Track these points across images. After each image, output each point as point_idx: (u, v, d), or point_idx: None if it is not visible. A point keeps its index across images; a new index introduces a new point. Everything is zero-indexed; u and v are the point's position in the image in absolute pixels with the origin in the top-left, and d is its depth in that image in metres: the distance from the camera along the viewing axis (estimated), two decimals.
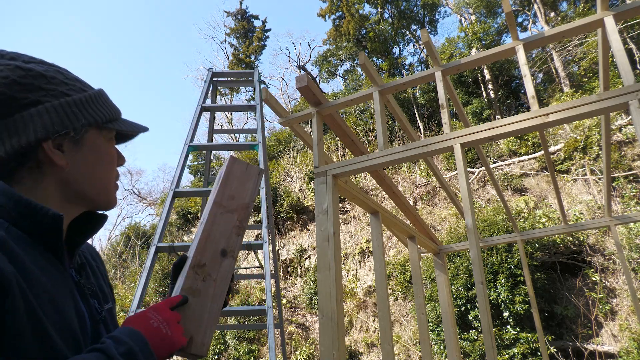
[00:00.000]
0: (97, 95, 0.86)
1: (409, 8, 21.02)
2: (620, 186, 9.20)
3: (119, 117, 0.90)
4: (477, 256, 2.35)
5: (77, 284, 0.81)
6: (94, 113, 0.83)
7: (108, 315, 0.88)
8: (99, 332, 0.81)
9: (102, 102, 0.86)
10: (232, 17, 27.33)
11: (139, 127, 0.95)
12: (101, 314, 0.84)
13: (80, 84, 0.85)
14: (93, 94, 0.85)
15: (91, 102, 0.83)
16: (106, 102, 0.88)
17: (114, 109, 0.89)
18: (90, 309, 0.81)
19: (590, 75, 13.04)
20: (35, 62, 0.79)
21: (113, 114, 0.87)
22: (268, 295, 2.87)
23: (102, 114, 0.84)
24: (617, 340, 7.65)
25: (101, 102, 0.86)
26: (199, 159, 22.83)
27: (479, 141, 2.60)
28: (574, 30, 2.71)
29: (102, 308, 0.86)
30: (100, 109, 0.85)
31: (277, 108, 3.21)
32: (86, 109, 0.81)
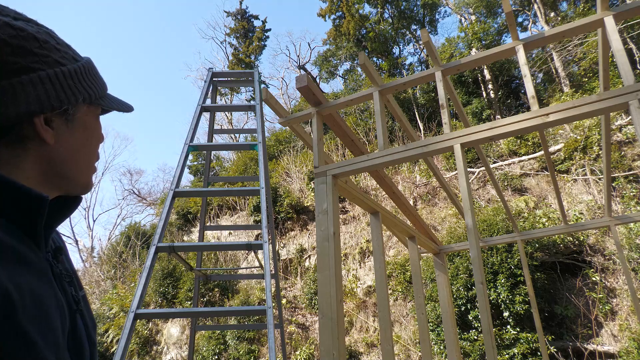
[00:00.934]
0: (88, 66, 0.77)
1: (409, 8, 21.03)
2: (620, 186, 9.20)
3: (106, 92, 0.83)
4: (477, 256, 2.35)
5: (54, 271, 0.72)
6: (88, 87, 0.74)
7: (84, 302, 0.82)
8: (75, 323, 0.74)
9: (93, 75, 0.78)
10: (232, 17, 27.35)
11: (126, 106, 0.87)
12: (78, 303, 0.77)
13: (72, 51, 0.76)
14: (85, 65, 0.76)
15: (85, 74, 0.75)
16: (97, 75, 0.80)
17: (103, 83, 0.81)
18: (68, 299, 0.74)
19: (590, 75, 13.04)
20: (23, 20, 0.68)
21: (103, 89, 0.80)
22: (268, 295, 2.87)
23: (95, 88, 0.77)
24: (617, 340, 7.65)
25: (93, 75, 0.78)
26: (199, 159, 22.83)
27: (479, 141, 2.60)
28: (574, 30, 2.71)
29: (78, 296, 0.79)
30: (93, 83, 0.77)
31: (277, 108, 3.21)
32: (81, 82, 0.73)
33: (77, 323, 0.75)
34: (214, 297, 12.84)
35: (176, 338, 12.86)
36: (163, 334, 13.28)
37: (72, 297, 0.76)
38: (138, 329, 13.00)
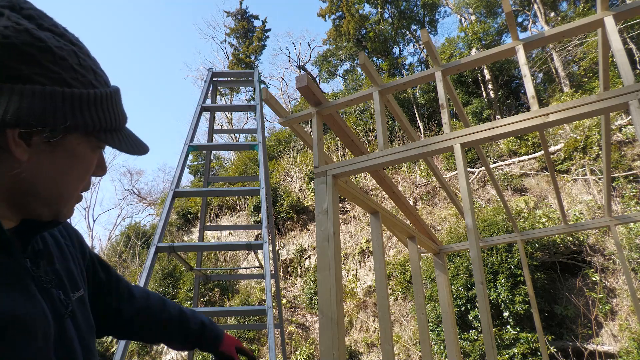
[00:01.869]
0: (104, 96, 0.70)
1: (409, 8, 21.03)
2: (620, 186, 9.20)
3: (118, 127, 0.74)
4: (477, 256, 2.35)
5: (34, 276, 0.69)
6: (89, 117, 0.66)
7: (77, 305, 0.78)
8: (64, 327, 0.71)
9: (106, 107, 0.70)
10: (232, 17, 27.35)
11: (137, 148, 0.77)
12: (67, 308, 0.73)
13: (94, 76, 0.69)
14: (100, 94, 0.68)
15: (92, 103, 0.67)
16: (110, 108, 0.71)
17: (115, 118, 0.72)
18: (53, 303, 0.71)
19: (590, 75, 13.04)
20: (53, 32, 0.64)
21: (112, 123, 0.71)
22: (268, 295, 2.87)
23: (100, 121, 0.68)
24: (617, 340, 7.65)
25: (105, 107, 0.70)
26: (199, 159, 22.83)
27: (479, 141, 2.60)
28: (574, 30, 2.71)
29: (68, 300, 0.75)
30: (100, 115, 0.68)
31: (277, 108, 3.21)
32: (80, 110, 0.65)
33: (65, 328, 0.71)
34: (214, 297, 12.84)
35: None
36: None
37: (59, 301, 0.72)
38: None
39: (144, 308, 1.06)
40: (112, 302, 0.99)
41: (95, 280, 0.95)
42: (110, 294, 0.99)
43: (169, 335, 1.11)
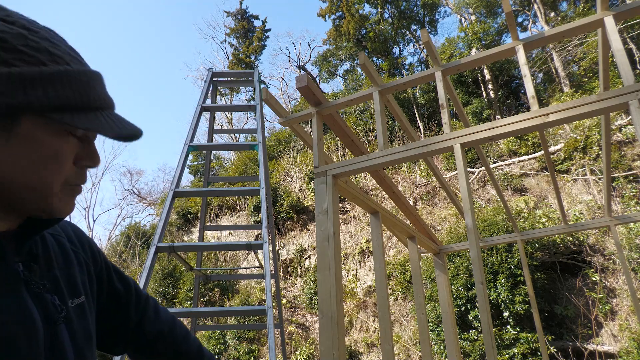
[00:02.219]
0: (57, 74, 0.61)
1: (409, 8, 21.03)
2: (620, 186, 9.20)
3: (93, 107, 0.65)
4: (477, 256, 2.35)
5: (26, 280, 0.67)
6: (34, 95, 0.58)
7: (75, 312, 0.75)
8: (56, 333, 0.68)
9: (62, 84, 0.61)
10: (232, 17, 27.36)
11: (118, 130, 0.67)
12: (61, 313, 0.70)
13: (49, 55, 0.61)
14: (50, 72, 0.60)
15: (40, 80, 0.59)
16: (71, 85, 0.62)
17: (80, 95, 0.63)
18: (46, 308, 0.68)
19: (590, 75, 13.04)
20: (4, 21, 0.60)
21: (75, 101, 0.62)
22: (268, 295, 2.87)
23: (48, 98, 0.59)
24: (617, 340, 7.65)
25: (61, 84, 0.61)
26: (199, 159, 22.84)
27: (479, 141, 2.60)
28: (574, 30, 2.71)
29: (64, 305, 0.72)
30: (50, 93, 0.59)
31: (277, 108, 3.21)
32: (24, 88, 0.57)
33: (58, 334, 0.68)
34: (214, 297, 12.84)
35: None
36: None
37: (53, 306, 0.69)
38: None
39: (168, 332, 1.02)
40: (132, 315, 0.95)
41: (111, 289, 0.92)
42: (129, 306, 0.95)
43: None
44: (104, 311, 0.89)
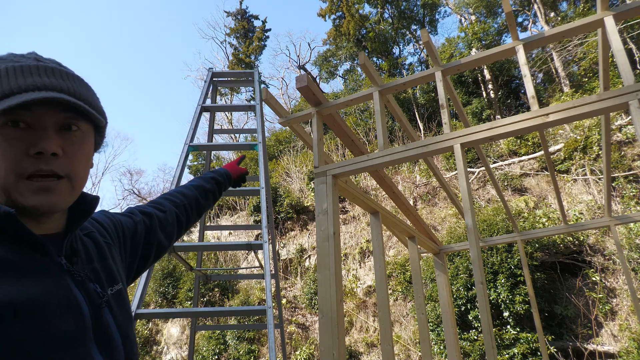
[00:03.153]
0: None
1: (409, 8, 21.03)
2: (620, 186, 9.20)
3: (10, 93, 0.70)
4: (477, 256, 2.36)
5: (69, 271, 0.78)
6: None
7: (114, 298, 0.86)
8: (101, 316, 0.79)
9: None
10: (232, 17, 27.34)
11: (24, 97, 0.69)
12: (102, 298, 0.81)
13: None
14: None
15: None
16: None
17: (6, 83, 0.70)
18: (89, 295, 0.79)
19: (590, 75, 13.04)
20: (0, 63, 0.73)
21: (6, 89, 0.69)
22: (268, 295, 2.87)
23: None
24: (617, 340, 7.65)
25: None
26: (199, 159, 22.83)
27: (479, 141, 2.60)
28: (574, 30, 2.71)
29: (104, 292, 0.83)
30: None
31: (277, 108, 3.21)
32: None
33: (102, 318, 0.79)
34: (214, 297, 12.84)
35: (176, 338, 12.87)
36: (163, 334, 13.28)
37: (95, 293, 0.80)
38: (138, 328, 12.99)
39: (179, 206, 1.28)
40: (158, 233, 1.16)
41: (143, 229, 1.11)
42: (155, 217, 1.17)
43: (202, 204, 1.37)
44: (154, 234, 1.13)
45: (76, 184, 0.79)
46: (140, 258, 1.09)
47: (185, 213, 1.28)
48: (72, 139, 0.77)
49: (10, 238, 0.70)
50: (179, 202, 1.27)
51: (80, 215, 0.84)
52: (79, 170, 0.79)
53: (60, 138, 0.75)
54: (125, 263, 1.02)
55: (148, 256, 1.12)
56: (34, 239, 0.72)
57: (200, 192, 1.36)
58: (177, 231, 1.25)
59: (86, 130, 0.81)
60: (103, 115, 0.83)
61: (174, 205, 1.26)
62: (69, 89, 0.75)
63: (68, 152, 0.76)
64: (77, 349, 0.71)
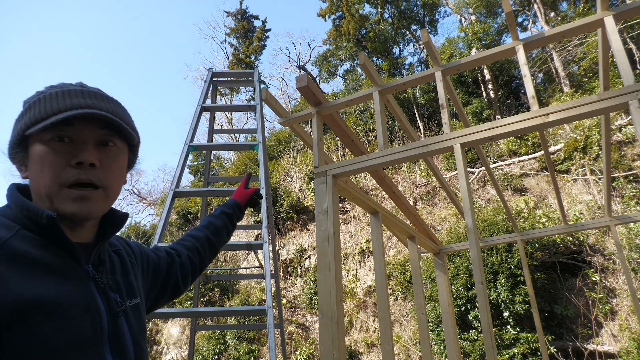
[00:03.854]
0: (33, 102, 0.85)
1: (409, 8, 21.02)
2: (620, 186, 9.20)
3: (57, 112, 0.82)
4: (477, 256, 2.35)
5: (94, 279, 0.85)
6: (19, 123, 0.85)
7: (132, 310, 0.92)
8: (118, 324, 0.85)
9: (35, 107, 0.84)
10: (232, 17, 27.33)
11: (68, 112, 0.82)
12: (121, 307, 0.88)
13: (37, 94, 0.87)
14: (29, 103, 0.86)
15: (24, 112, 0.85)
16: (40, 105, 0.83)
17: (44, 108, 0.82)
18: (109, 302, 0.85)
19: (590, 75, 13.04)
20: (52, 89, 0.86)
21: (41, 115, 0.82)
22: (268, 295, 2.87)
23: (26, 121, 0.83)
24: (617, 340, 7.65)
25: (35, 107, 0.84)
26: (199, 159, 22.81)
27: (479, 141, 2.60)
28: (574, 30, 2.71)
29: (123, 302, 0.90)
30: (28, 116, 0.83)
31: (277, 108, 3.21)
32: (17, 122, 0.85)
33: (118, 326, 0.85)
34: (214, 297, 12.84)
35: (176, 338, 12.86)
36: (163, 334, 13.28)
37: (114, 301, 0.87)
38: None
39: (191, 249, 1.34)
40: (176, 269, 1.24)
41: (165, 265, 1.20)
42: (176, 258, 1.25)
43: (215, 242, 1.42)
44: (174, 272, 1.21)
45: (110, 194, 0.89)
46: (158, 291, 1.17)
47: (197, 255, 1.33)
48: (108, 153, 0.88)
49: (48, 241, 0.79)
50: (191, 245, 1.34)
51: (110, 228, 0.93)
52: (114, 182, 0.89)
53: (98, 152, 0.86)
54: (145, 287, 1.10)
55: (164, 292, 1.19)
56: (69, 244, 0.81)
57: (211, 231, 1.41)
58: (192, 273, 1.30)
59: (121, 147, 0.92)
60: (136, 133, 0.95)
61: (187, 248, 1.32)
62: (108, 109, 0.87)
63: (104, 164, 0.87)
64: (92, 351, 0.76)
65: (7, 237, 0.74)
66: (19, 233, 0.77)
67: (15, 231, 0.76)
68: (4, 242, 0.73)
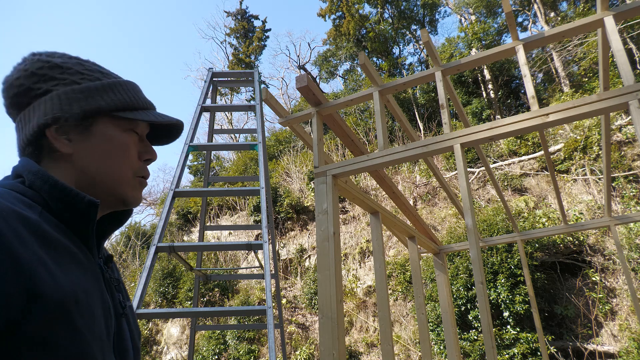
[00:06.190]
0: (113, 84, 0.83)
1: (409, 8, 21.02)
2: (620, 186, 9.20)
3: (143, 107, 0.86)
4: (477, 256, 2.35)
5: (105, 277, 0.81)
6: (102, 100, 0.80)
7: (129, 311, 0.90)
8: (121, 326, 0.83)
9: (118, 91, 0.83)
10: (232, 17, 27.34)
11: (164, 118, 0.89)
12: (124, 308, 0.86)
13: (101, 74, 0.85)
14: (108, 83, 0.83)
15: (102, 90, 0.81)
16: (125, 91, 0.84)
17: (134, 98, 0.85)
18: (115, 302, 0.83)
19: (590, 75, 13.04)
20: (58, 56, 0.82)
21: (131, 103, 0.84)
22: (268, 295, 2.87)
23: (112, 101, 0.81)
24: (617, 340, 7.65)
25: (118, 91, 0.83)
26: (199, 159, 22.81)
27: (479, 141, 2.60)
28: (574, 30, 2.71)
29: (125, 303, 0.88)
30: (112, 97, 0.82)
31: (277, 108, 3.21)
32: (92, 96, 0.79)
33: (122, 327, 0.83)
34: (214, 297, 12.84)
35: (176, 338, 12.86)
36: (163, 334, 13.28)
37: (119, 302, 0.84)
38: None
39: None
40: None
41: None
42: None
43: None
44: None
45: None
46: None
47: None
48: None
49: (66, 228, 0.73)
50: None
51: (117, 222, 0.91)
52: None
53: None
54: None
55: None
56: (92, 235, 0.77)
57: None
58: None
59: None
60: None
61: None
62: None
63: None
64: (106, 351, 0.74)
65: (35, 218, 0.66)
66: (43, 215, 0.69)
67: (39, 212, 0.69)
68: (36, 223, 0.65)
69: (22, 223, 0.62)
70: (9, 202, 0.64)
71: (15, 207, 0.64)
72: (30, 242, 0.62)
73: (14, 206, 0.64)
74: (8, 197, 0.66)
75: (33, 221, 0.64)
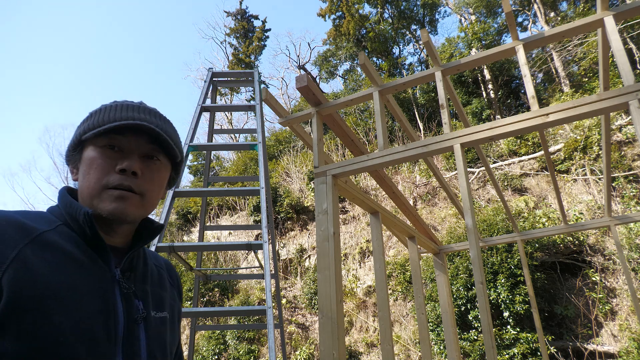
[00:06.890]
0: (94, 111, 0.94)
1: (409, 8, 21.02)
2: (620, 186, 9.20)
3: (107, 122, 0.89)
4: (477, 256, 2.35)
5: (119, 282, 0.87)
6: (79, 129, 0.92)
7: (156, 321, 0.93)
8: (133, 331, 0.86)
9: (92, 115, 0.92)
10: (232, 17, 27.33)
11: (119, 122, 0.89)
12: (141, 314, 0.89)
13: (99, 114, 0.93)
14: (90, 112, 0.94)
15: (83, 119, 0.94)
16: (98, 113, 0.92)
17: (102, 118, 0.91)
18: (130, 306, 0.87)
19: (590, 75, 13.04)
20: (114, 103, 0.94)
21: (98, 123, 0.90)
22: (268, 295, 2.87)
23: (83, 127, 0.91)
24: (617, 340, 7.65)
25: (92, 115, 0.92)
26: (199, 159, 22.81)
27: (479, 141, 2.60)
28: (574, 30, 2.71)
29: (146, 311, 0.91)
30: (86, 123, 0.92)
31: (277, 108, 3.21)
32: (77, 128, 0.93)
33: (134, 332, 0.86)
34: (214, 297, 12.83)
35: None
36: None
37: (135, 307, 0.89)
38: None
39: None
40: None
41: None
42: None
43: None
44: None
45: (147, 203, 0.93)
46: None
47: None
48: (151, 166, 0.94)
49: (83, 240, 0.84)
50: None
51: (145, 236, 0.97)
52: (152, 192, 0.94)
53: (142, 163, 0.92)
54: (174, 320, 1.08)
55: None
56: (101, 243, 0.85)
57: None
58: None
59: (165, 163, 0.98)
60: (181, 152, 1.01)
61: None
62: (158, 125, 0.94)
63: (145, 175, 0.92)
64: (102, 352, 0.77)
65: (44, 230, 0.79)
66: (58, 228, 0.82)
67: (55, 226, 0.82)
68: (39, 233, 0.78)
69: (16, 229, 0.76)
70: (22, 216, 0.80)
71: (20, 219, 0.78)
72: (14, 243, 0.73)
73: (23, 219, 0.79)
74: (29, 215, 0.82)
75: (31, 230, 0.77)
